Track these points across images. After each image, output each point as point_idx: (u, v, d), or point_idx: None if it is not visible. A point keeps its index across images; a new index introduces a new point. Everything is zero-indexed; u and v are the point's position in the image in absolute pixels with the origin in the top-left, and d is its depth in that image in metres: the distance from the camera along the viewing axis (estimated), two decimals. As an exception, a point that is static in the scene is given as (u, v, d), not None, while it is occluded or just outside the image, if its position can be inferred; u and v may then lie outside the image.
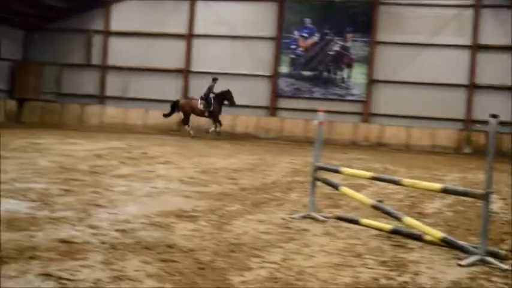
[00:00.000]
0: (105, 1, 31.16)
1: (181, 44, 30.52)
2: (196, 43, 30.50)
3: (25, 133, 21.12)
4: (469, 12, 27.41)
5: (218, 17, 29.81)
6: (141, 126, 29.40)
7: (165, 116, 27.00)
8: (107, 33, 31.51)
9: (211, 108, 26.00)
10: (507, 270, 5.57)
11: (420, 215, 8.49)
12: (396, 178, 7.47)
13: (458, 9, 27.57)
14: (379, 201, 8.77)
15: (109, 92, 31.37)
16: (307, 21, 29.09)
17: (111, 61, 31.35)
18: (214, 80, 26.51)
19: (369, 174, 7.59)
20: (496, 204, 10.36)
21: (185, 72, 30.39)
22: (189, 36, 30.45)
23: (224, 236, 6.31)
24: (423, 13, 27.82)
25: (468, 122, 27.01)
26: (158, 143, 20.60)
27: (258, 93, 29.15)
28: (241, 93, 28.29)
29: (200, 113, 26.46)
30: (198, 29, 30.47)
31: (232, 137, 27.09)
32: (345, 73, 28.74)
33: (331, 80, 28.82)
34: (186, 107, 26.58)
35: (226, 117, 28.21)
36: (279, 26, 29.41)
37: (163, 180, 10.60)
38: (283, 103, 29.26)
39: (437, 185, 6.59)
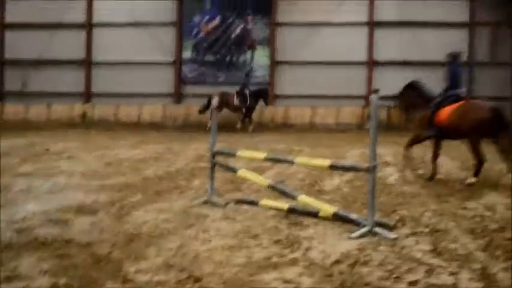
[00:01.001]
0: (-3, -8, 30.07)
1: (80, 34, 29.80)
2: (97, 32, 29.87)
3: None
4: (364, -11, 28.03)
5: (117, 5, 29.21)
6: (44, 122, 28.50)
7: (200, 112, 26.14)
8: (2, 26, 30.42)
9: (248, 103, 25.55)
10: (394, 239, 5.88)
11: (319, 193, 8.76)
12: (289, 158, 7.67)
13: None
14: (280, 182, 9.01)
15: (7, 87, 30.31)
16: (208, 5, 29.05)
17: (8, 55, 30.29)
18: (247, 75, 26.46)
19: (262, 155, 7.74)
20: (393, 177, 10.82)
21: (86, 63, 29.73)
22: (88, 26, 29.76)
23: (123, 227, 6.35)
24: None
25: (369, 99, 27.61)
26: (61, 138, 20.15)
27: (162, 80, 28.84)
28: (145, 81, 28.09)
29: (236, 109, 25.80)
30: (97, 18, 29.83)
31: (138, 127, 26.81)
32: (247, 56, 28.88)
33: (235, 63, 28.88)
34: (221, 103, 25.50)
35: (131, 108, 28.10)
36: (180, 10, 29.17)
37: (65, 176, 10.46)
38: (189, 90, 29.15)
39: (326, 162, 6.83)
